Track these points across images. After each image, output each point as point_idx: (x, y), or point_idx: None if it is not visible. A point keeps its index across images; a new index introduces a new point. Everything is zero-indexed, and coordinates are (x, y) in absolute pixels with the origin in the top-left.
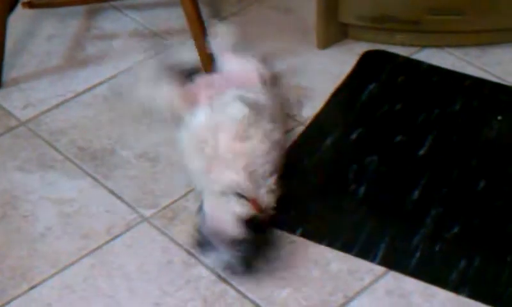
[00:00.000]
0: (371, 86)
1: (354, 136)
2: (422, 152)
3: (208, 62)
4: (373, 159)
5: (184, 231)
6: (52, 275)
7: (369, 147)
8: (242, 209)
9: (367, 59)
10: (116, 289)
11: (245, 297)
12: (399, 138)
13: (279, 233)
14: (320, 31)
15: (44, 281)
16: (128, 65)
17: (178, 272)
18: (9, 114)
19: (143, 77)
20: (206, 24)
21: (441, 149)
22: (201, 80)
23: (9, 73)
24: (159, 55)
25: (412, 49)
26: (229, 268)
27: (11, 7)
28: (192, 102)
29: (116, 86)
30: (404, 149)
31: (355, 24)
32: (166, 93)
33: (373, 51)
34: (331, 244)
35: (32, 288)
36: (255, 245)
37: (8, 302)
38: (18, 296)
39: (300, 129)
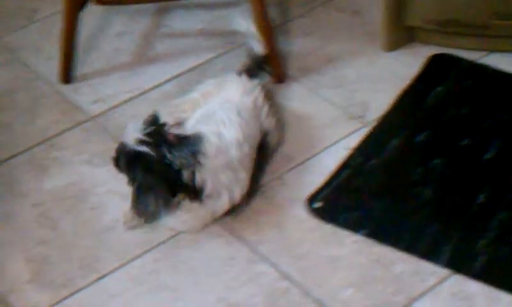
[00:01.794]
0: (438, 89)
1: (420, 139)
2: (487, 156)
3: (276, 66)
4: (438, 162)
5: (248, 228)
6: (119, 267)
7: (435, 150)
8: None
9: (433, 63)
10: (180, 282)
11: (308, 294)
12: (465, 142)
13: (343, 232)
14: (387, 33)
15: (110, 272)
16: (195, 63)
17: (242, 268)
18: (79, 108)
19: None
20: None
21: (507, 154)
22: None
23: (80, 69)
24: (226, 54)
25: (479, 53)
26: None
27: (83, 4)
28: None
29: (183, 83)
30: (470, 153)
31: (422, 27)
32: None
33: (440, 55)
34: (395, 245)
35: (99, 279)
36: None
37: (76, 292)
38: (86, 286)
39: (366, 130)
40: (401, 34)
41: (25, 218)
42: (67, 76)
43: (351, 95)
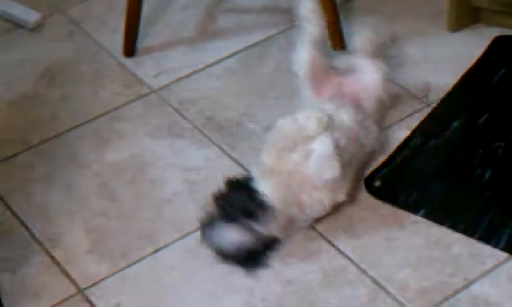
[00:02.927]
0: (502, 71)
1: (482, 120)
2: None
3: (337, 42)
4: (500, 145)
5: None
6: (177, 240)
7: (497, 132)
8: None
9: (498, 44)
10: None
11: (365, 273)
12: None
13: (402, 212)
14: (452, 13)
15: (169, 244)
16: (258, 39)
17: (300, 244)
18: (142, 81)
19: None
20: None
21: None
22: (333, 72)
23: (142, 42)
24: (288, 31)
25: None
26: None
27: None
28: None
29: (245, 59)
30: None
31: (488, 8)
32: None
33: (505, 36)
34: (453, 227)
35: (157, 250)
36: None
37: (134, 263)
38: (144, 257)
39: (427, 110)
40: (467, 14)
41: (86, 188)
42: (130, 49)
43: (413, 75)
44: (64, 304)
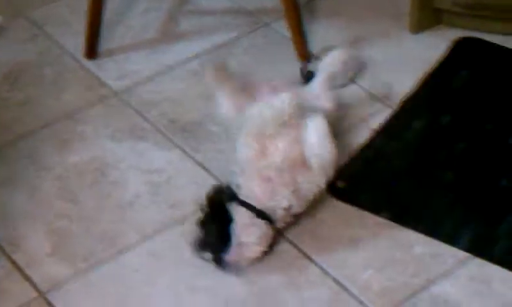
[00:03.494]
0: (463, 73)
1: (444, 121)
2: None
3: (303, 52)
4: (462, 146)
5: None
6: (140, 243)
7: (459, 133)
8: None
9: (460, 46)
10: (202, 260)
11: (327, 274)
12: (489, 126)
13: (364, 213)
14: (414, 15)
15: (132, 247)
16: (221, 41)
17: None
18: (103, 84)
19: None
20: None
21: None
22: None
23: (104, 44)
24: (252, 33)
25: (505, 38)
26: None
27: None
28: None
29: (208, 61)
30: (494, 137)
31: (449, 10)
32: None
33: (466, 38)
34: (415, 227)
35: (119, 253)
36: None
37: (96, 266)
38: (106, 260)
39: (389, 112)
40: (428, 16)
41: (48, 191)
42: (92, 51)
43: (375, 76)
44: None
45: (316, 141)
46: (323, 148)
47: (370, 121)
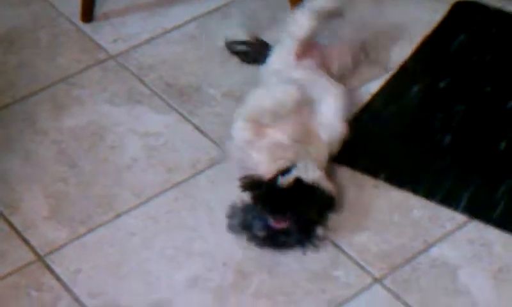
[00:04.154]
0: (462, 36)
1: (442, 85)
2: (510, 104)
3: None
4: (461, 109)
5: None
6: (137, 206)
7: (457, 96)
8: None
9: (458, 9)
10: (198, 222)
11: (325, 237)
12: (488, 89)
13: (362, 176)
14: None
15: (129, 210)
16: (218, 5)
17: None
18: (100, 47)
19: None
20: None
21: None
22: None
23: (101, 8)
24: None
25: (503, 1)
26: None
27: None
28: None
29: (205, 24)
30: (493, 101)
31: None
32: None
33: (464, 1)
34: (414, 190)
35: (117, 216)
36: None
37: (94, 229)
38: (104, 223)
39: (387, 75)
40: None
41: (45, 155)
42: (88, 15)
43: (373, 39)
44: (23, 270)
45: (332, 113)
46: (337, 121)
47: (369, 85)
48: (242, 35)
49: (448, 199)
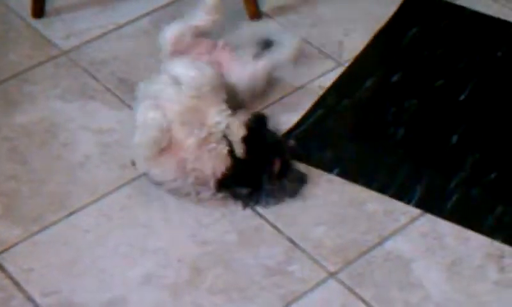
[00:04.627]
0: (413, 30)
1: (394, 79)
2: (462, 97)
3: (253, 11)
4: (413, 103)
5: None
6: (90, 203)
7: (409, 90)
8: None
9: (410, 3)
10: (152, 219)
11: (280, 232)
12: (439, 82)
13: (316, 171)
14: None
15: (82, 208)
16: (171, 0)
17: (215, 205)
18: (51, 43)
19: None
20: None
21: (482, 95)
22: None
23: (52, 3)
24: None
25: None
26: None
27: None
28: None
29: (158, 19)
30: (445, 94)
31: None
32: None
33: None
34: (367, 184)
35: (70, 214)
36: None
37: (47, 227)
38: (57, 222)
39: (340, 70)
40: None
41: None
42: (39, 10)
43: (326, 34)
44: None
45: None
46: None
47: (322, 80)
48: None
49: (401, 193)
